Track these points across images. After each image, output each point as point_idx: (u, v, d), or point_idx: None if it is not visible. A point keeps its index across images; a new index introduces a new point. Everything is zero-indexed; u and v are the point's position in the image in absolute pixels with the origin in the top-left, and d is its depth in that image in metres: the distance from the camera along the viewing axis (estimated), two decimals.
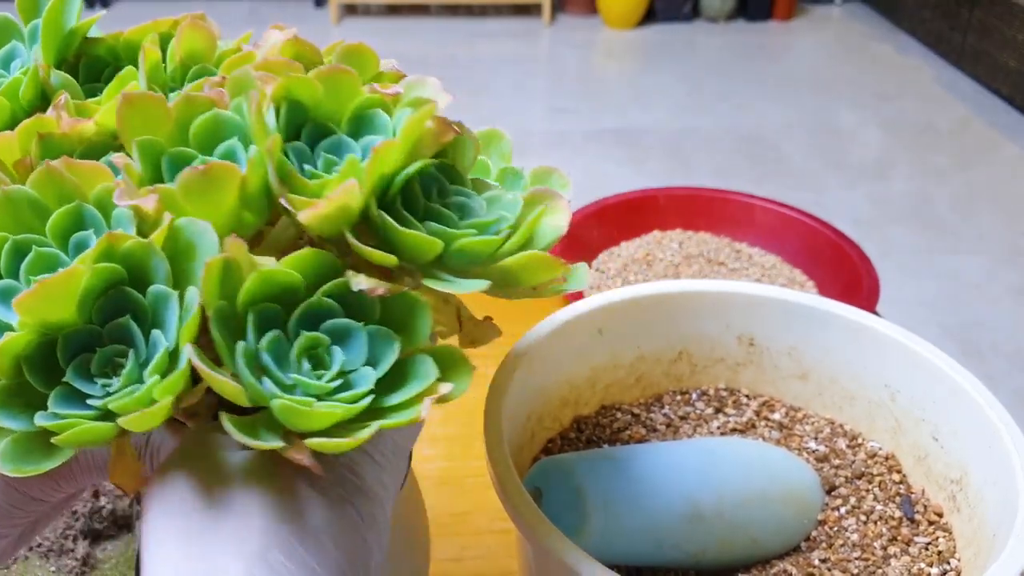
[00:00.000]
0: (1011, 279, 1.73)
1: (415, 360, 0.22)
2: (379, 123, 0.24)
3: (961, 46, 2.67)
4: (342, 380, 0.22)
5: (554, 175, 0.29)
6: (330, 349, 0.22)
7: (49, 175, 0.22)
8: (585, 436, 0.42)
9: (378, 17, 3.14)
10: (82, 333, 0.21)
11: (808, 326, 0.42)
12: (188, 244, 0.21)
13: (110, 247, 0.21)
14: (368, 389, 0.21)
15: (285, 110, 0.23)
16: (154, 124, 0.23)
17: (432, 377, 0.22)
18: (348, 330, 0.22)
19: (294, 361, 0.22)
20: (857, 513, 0.38)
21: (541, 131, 2.31)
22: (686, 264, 0.69)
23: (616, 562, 0.35)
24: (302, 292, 0.22)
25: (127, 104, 0.23)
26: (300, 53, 0.27)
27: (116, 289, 0.21)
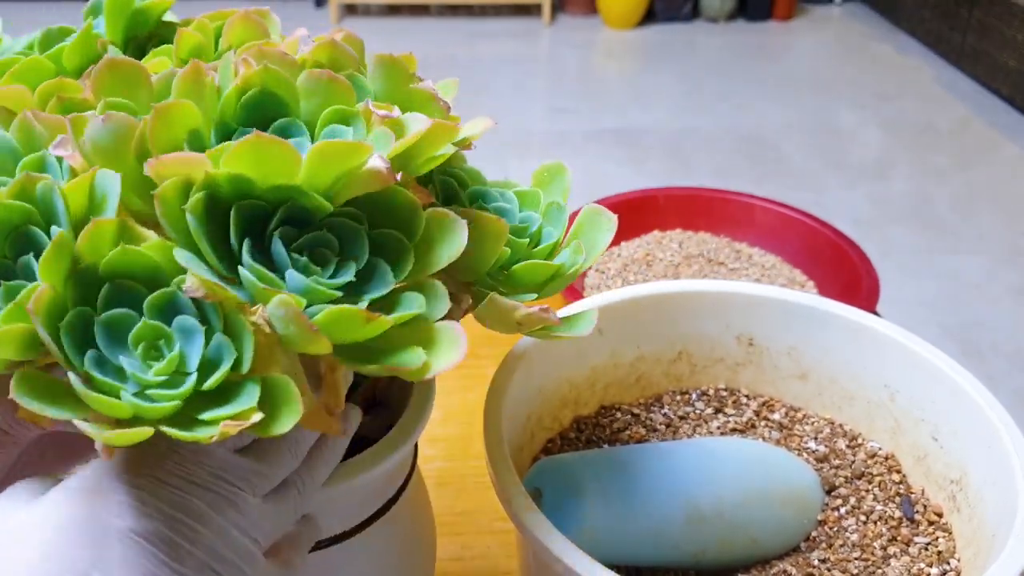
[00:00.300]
0: (1011, 279, 1.73)
1: (243, 383, 0.21)
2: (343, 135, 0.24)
3: (961, 46, 2.67)
4: (170, 377, 0.21)
5: (603, 217, 0.29)
6: (172, 342, 0.22)
7: (24, 124, 0.24)
8: (585, 436, 0.42)
9: (378, 17, 3.14)
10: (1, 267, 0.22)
11: (808, 326, 0.42)
12: (103, 194, 0.22)
13: (25, 186, 0.22)
14: (185, 392, 0.21)
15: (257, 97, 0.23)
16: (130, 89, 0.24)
17: (250, 403, 0.21)
18: (191, 329, 0.22)
19: (131, 344, 0.22)
20: (857, 513, 0.38)
21: (541, 131, 2.31)
22: (686, 264, 0.70)
23: (616, 562, 0.35)
24: (164, 280, 0.22)
25: (107, 67, 0.23)
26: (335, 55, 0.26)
27: (27, 227, 0.22)
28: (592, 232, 0.29)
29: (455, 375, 0.59)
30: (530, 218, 0.29)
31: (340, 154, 0.21)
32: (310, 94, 0.24)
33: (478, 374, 0.59)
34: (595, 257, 0.29)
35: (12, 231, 0.22)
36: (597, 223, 0.29)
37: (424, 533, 0.36)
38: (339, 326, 0.21)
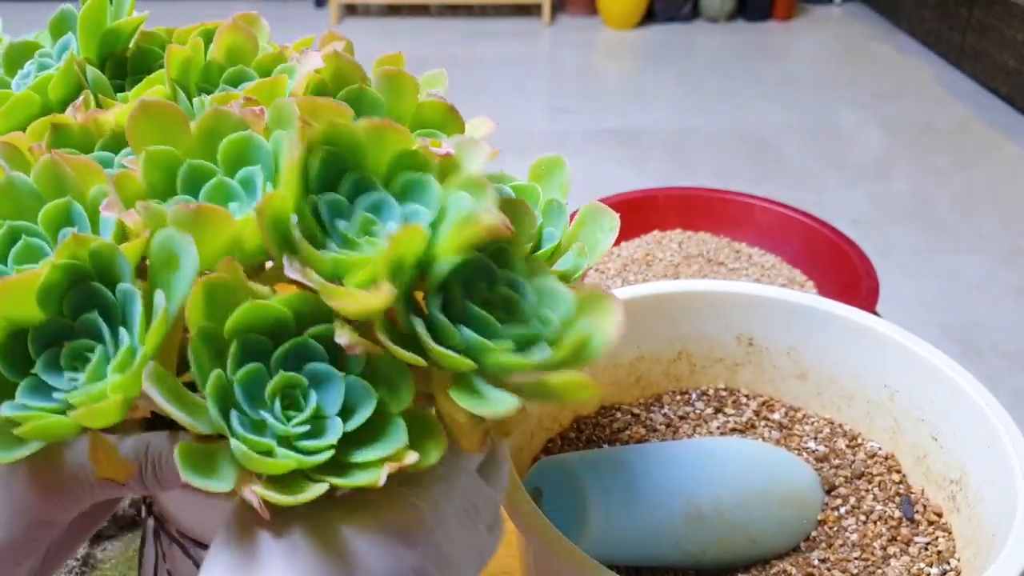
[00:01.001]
0: (1011, 279, 1.73)
1: (389, 421, 0.21)
2: (428, 193, 0.23)
3: (960, 46, 2.67)
4: (311, 425, 0.21)
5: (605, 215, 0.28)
6: (307, 391, 0.21)
7: (51, 168, 0.22)
8: (585, 436, 0.42)
9: (378, 17, 3.14)
10: (53, 326, 0.21)
11: (807, 326, 0.42)
12: (170, 255, 0.21)
13: (76, 248, 0.21)
14: (331, 442, 0.21)
15: (323, 157, 0.22)
16: (170, 134, 0.23)
17: (401, 443, 0.21)
18: (327, 376, 0.21)
19: (268, 398, 0.21)
20: (857, 513, 0.38)
21: (541, 131, 2.31)
22: (686, 264, 0.70)
23: (616, 562, 0.35)
24: (291, 330, 0.21)
25: (142, 112, 0.22)
26: (340, 70, 0.26)
27: (84, 284, 0.21)
28: (593, 232, 0.28)
29: None
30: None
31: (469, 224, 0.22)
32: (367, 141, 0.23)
33: None
34: (596, 259, 0.28)
35: (66, 292, 0.21)
36: (598, 222, 0.28)
37: None
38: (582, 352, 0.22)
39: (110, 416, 0.20)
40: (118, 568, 0.42)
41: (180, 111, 0.23)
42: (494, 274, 0.23)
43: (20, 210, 0.22)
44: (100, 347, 0.21)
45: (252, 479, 0.20)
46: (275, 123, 0.23)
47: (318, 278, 0.20)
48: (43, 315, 0.21)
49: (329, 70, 0.26)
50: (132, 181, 0.22)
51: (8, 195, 0.22)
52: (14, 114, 0.27)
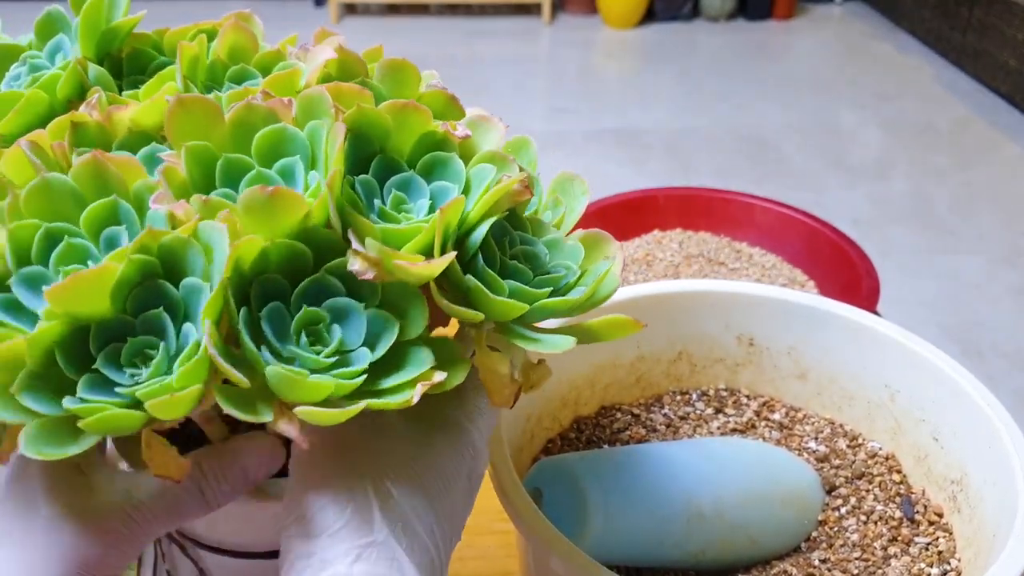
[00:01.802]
0: (1011, 279, 1.73)
1: (412, 347, 0.23)
2: (453, 169, 0.25)
3: (961, 45, 2.67)
4: (339, 357, 0.22)
5: (575, 182, 0.30)
6: (329, 326, 0.22)
7: (94, 167, 0.23)
8: (585, 436, 0.42)
9: (378, 16, 3.14)
10: (114, 323, 0.21)
11: (808, 326, 0.42)
12: (207, 246, 0.22)
13: (149, 241, 0.21)
14: (362, 368, 0.22)
15: (351, 140, 0.24)
16: (206, 128, 0.23)
17: (427, 365, 0.22)
18: (348, 310, 0.22)
19: (293, 334, 0.22)
20: (857, 513, 0.38)
21: (541, 131, 2.31)
22: (686, 264, 0.69)
23: (616, 562, 0.35)
24: (310, 268, 0.23)
25: (180, 107, 0.23)
26: (345, 63, 0.27)
27: (151, 281, 0.22)
28: (567, 198, 0.29)
29: None
30: None
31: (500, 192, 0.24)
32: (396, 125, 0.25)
33: None
34: (573, 221, 0.29)
35: (134, 288, 0.22)
36: (570, 189, 0.29)
37: None
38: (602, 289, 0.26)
39: (183, 407, 0.20)
40: None
41: (215, 106, 0.24)
42: (512, 234, 0.25)
43: (56, 211, 0.22)
44: (163, 344, 0.21)
45: (287, 413, 0.21)
46: (305, 113, 0.24)
47: (385, 248, 0.22)
48: (112, 311, 0.21)
49: (335, 64, 0.27)
50: (177, 175, 0.23)
51: (44, 196, 0.22)
52: (25, 113, 0.27)
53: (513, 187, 0.24)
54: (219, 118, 0.23)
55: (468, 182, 0.25)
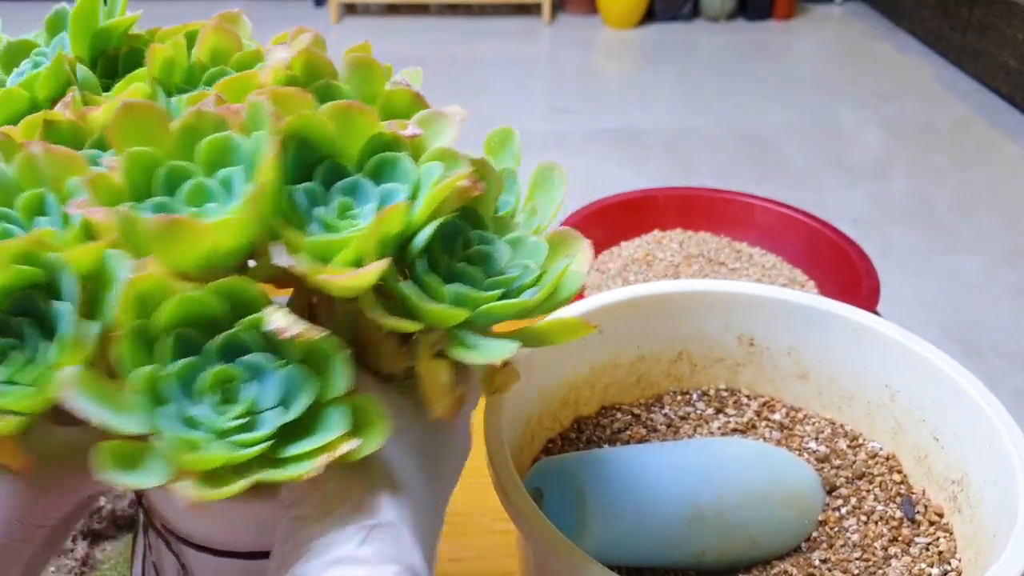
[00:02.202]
0: (1011, 279, 1.73)
1: (329, 408, 0.21)
2: (402, 170, 0.24)
3: (961, 45, 2.67)
4: (248, 419, 0.21)
5: (554, 172, 0.29)
6: (239, 385, 0.21)
7: (30, 158, 0.23)
8: (585, 436, 0.42)
9: (378, 16, 3.14)
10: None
11: (808, 326, 0.42)
12: (110, 275, 0.21)
13: (35, 248, 0.21)
14: (269, 433, 0.20)
15: (295, 147, 0.23)
16: (152, 134, 0.23)
17: (340, 431, 0.21)
18: (262, 367, 0.21)
19: (202, 392, 0.21)
20: (858, 513, 0.38)
21: (541, 131, 2.31)
22: (686, 264, 0.69)
23: (616, 562, 0.35)
24: (226, 322, 0.21)
25: (125, 112, 0.22)
26: (310, 62, 0.26)
27: (27, 291, 0.21)
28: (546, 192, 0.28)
29: None
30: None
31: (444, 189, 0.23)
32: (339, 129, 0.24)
33: None
34: (550, 218, 0.28)
35: (13, 293, 0.21)
36: (549, 181, 0.28)
37: None
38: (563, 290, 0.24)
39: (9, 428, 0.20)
40: (118, 568, 0.42)
41: (161, 112, 0.23)
42: (469, 233, 0.24)
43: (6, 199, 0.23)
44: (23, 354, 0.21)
45: (187, 473, 0.20)
46: (251, 121, 0.23)
47: (307, 260, 0.21)
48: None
49: (300, 65, 0.26)
50: (108, 181, 0.22)
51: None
52: (3, 109, 0.27)
53: (460, 184, 0.22)
54: (164, 125, 0.23)
55: (419, 182, 0.23)
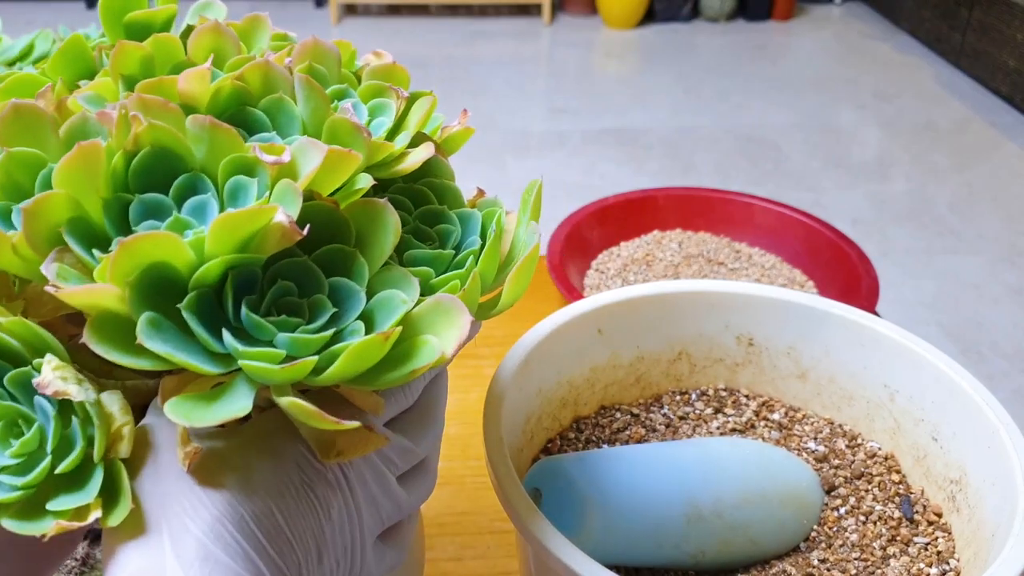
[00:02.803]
0: (1010, 279, 1.73)
1: (91, 470, 0.21)
2: (251, 195, 0.22)
3: (960, 45, 2.67)
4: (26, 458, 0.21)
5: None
6: (22, 426, 0.21)
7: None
8: (584, 436, 0.42)
9: (378, 17, 3.14)
10: None
11: (807, 326, 0.42)
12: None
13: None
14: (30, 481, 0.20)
15: (150, 156, 0.22)
16: (39, 137, 0.23)
17: (90, 497, 0.20)
18: (46, 413, 0.21)
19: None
20: (856, 513, 0.38)
21: (541, 131, 2.31)
22: (686, 264, 0.70)
23: (615, 562, 0.35)
24: (23, 360, 0.21)
25: (13, 112, 0.23)
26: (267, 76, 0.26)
27: None
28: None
29: (455, 375, 0.59)
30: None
31: (243, 222, 0.21)
32: (199, 141, 0.23)
33: (478, 374, 0.59)
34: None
35: None
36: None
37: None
38: (361, 360, 0.21)
39: None
40: None
41: (49, 118, 0.23)
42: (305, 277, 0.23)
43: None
44: None
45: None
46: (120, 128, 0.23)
47: (54, 274, 0.20)
48: None
49: (254, 76, 0.26)
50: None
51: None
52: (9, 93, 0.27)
53: (275, 221, 0.20)
54: (52, 128, 0.23)
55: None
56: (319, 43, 0.28)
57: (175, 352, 0.20)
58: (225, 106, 0.25)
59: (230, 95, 0.25)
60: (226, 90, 0.25)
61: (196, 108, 0.25)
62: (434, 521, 0.49)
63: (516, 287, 0.25)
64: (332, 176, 0.23)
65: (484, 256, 0.25)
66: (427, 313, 0.23)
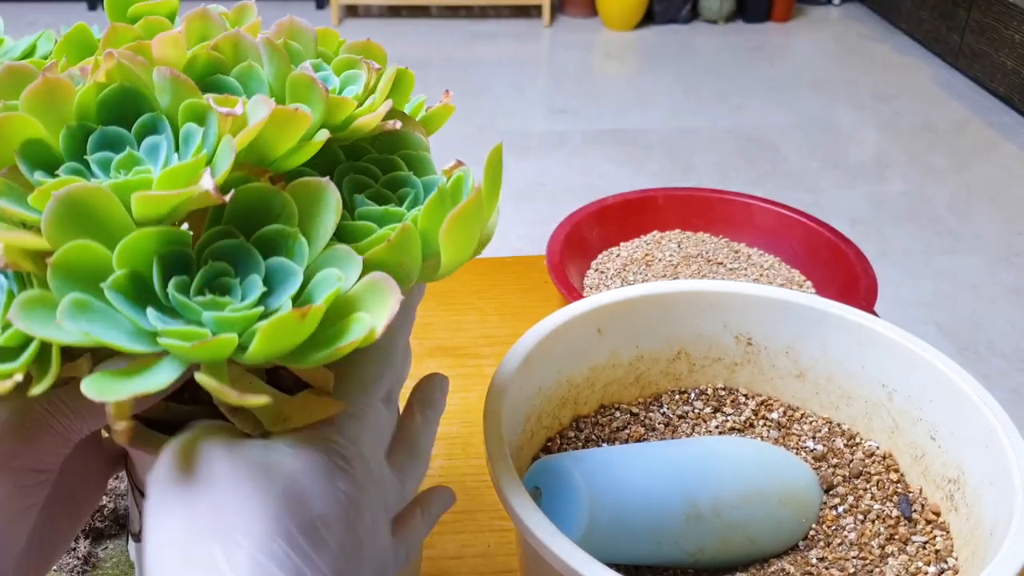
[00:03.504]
0: (1008, 279, 1.73)
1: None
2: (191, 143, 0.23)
3: (958, 46, 2.68)
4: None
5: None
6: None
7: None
8: (584, 435, 0.42)
9: (379, 18, 3.14)
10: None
11: (806, 326, 0.42)
12: None
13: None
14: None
15: (118, 93, 0.24)
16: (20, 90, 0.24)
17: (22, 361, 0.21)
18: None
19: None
20: (855, 512, 0.39)
21: (541, 132, 2.31)
22: (685, 264, 0.70)
23: (615, 561, 0.35)
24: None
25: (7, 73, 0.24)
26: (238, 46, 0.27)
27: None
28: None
29: (455, 375, 0.59)
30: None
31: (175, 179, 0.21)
32: (163, 92, 0.24)
33: (478, 374, 0.59)
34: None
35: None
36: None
37: None
38: (280, 338, 0.21)
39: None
40: (119, 567, 0.43)
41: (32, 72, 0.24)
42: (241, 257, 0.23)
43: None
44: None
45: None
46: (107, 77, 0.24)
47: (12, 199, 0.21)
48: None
49: (229, 48, 0.27)
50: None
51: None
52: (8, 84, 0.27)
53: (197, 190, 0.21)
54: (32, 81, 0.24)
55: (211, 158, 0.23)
56: (295, 22, 0.28)
57: (98, 331, 0.20)
58: (202, 73, 0.26)
59: (206, 64, 0.26)
60: (202, 58, 0.26)
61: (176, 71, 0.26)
62: None
63: (454, 243, 0.24)
64: (284, 134, 0.24)
65: (427, 207, 0.25)
66: (362, 291, 0.23)
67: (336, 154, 0.28)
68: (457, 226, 0.24)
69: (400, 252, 0.24)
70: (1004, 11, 2.44)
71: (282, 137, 0.24)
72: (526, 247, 1.76)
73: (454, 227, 0.24)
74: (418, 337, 0.62)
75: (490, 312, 0.66)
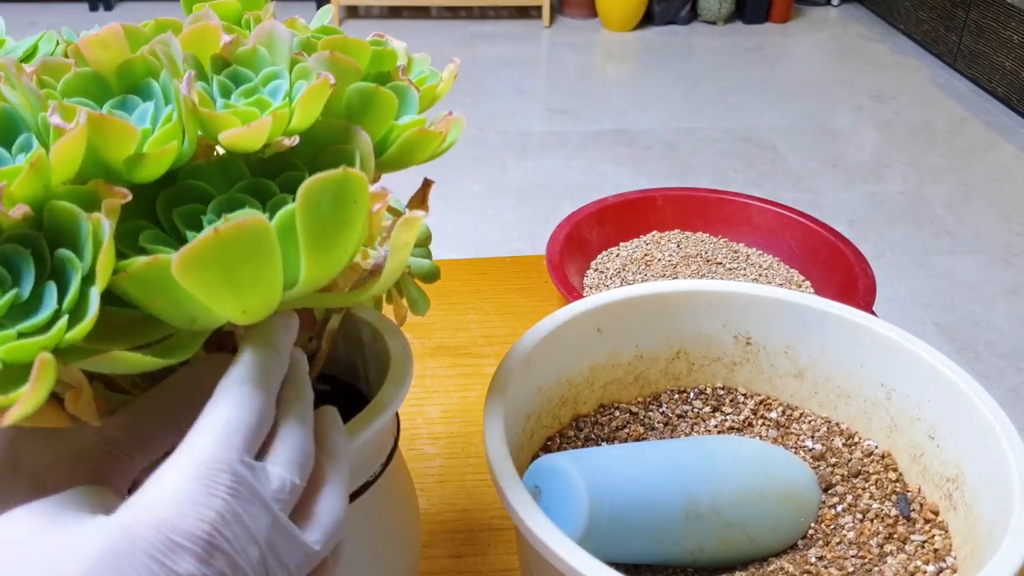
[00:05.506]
0: (1006, 278, 1.74)
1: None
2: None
3: (957, 47, 2.68)
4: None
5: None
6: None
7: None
8: (584, 434, 0.42)
9: (379, 19, 3.15)
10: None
11: (804, 325, 0.43)
12: None
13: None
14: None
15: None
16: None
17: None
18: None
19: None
20: (854, 511, 0.39)
21: (540, 132, 2.31)
22: (684, 264, 0.70)
23: (614, 559, 0.35)
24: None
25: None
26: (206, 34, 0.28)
27: None
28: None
29: (456, 374, 0.59)
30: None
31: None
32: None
33: (478, 373, 0.59)
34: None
35: None
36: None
37: (407, 515, 0.36)
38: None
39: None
40: None
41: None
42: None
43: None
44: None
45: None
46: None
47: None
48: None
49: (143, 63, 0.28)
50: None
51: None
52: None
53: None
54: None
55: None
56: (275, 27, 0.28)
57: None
58: (138, 76, 0.27)
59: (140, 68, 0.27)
60: (138, 63, 0.27)
61: (105, 75, 0.27)
62: (434, 518, 0.49)
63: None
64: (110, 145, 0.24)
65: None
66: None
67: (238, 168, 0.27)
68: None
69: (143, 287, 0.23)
70: (1002, 12, 2.44)
71: (110, 148, 0.24)
72: (526, 247, 1.77)
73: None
74: (418, 337, 0.62)
75: (490, 312, 0.66)
